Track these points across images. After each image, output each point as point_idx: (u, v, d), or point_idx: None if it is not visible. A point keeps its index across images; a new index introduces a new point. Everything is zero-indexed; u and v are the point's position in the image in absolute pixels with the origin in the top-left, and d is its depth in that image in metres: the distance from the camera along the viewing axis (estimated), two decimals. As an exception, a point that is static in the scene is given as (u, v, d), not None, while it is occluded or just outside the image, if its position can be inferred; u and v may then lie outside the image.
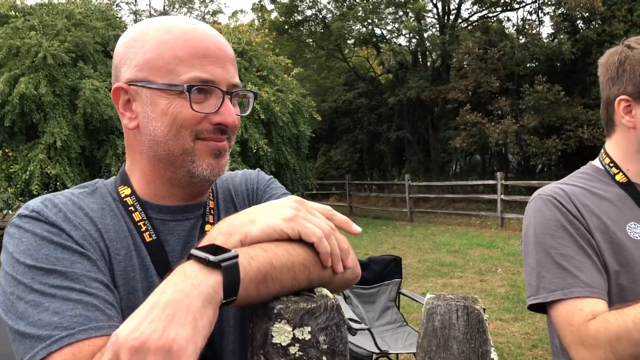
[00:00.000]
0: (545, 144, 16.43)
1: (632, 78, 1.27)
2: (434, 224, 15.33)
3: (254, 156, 13.94)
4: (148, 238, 0.91)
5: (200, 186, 0.96)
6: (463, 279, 7.84)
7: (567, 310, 1.16)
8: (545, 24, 35.45)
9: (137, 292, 0.87)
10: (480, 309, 0.70)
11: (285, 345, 0.68)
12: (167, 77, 0.89)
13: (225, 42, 0.95)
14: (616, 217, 1.25)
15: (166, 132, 0.89)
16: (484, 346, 0.68)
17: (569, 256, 1.19)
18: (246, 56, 14.23)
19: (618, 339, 1.06)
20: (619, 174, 1.32)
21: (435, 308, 0.71)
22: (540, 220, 1.26)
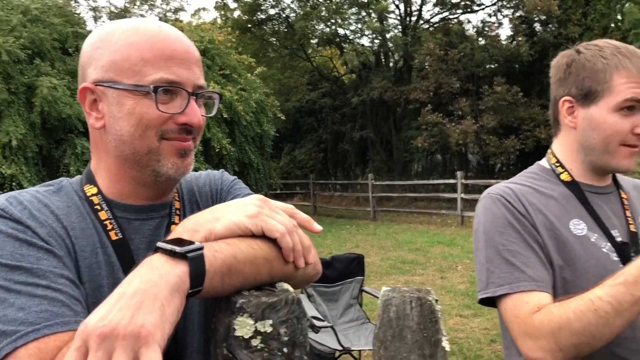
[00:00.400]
0: (504, 143, 16.85)
1: (577, 81, 1.32)
2: (397, 222, 15.53)
3: (217, 156, 13.83)
4: (114, 236, 0.93)
5: (165, 185, 0.98)
6: (424, 276, 7.98)
7: (514, 304, 1.21)
8: (504, 26, 36.38)
9: (103, 288, 0.88)
10: (432, 300, 0.74)
11: (247, 338, 0.70)
12: (133, 78, 0.90)
13: (191, 44, 0.97)
14: (561, 214, 1.30)
15: (132, 131, 0.91)
16: (436, 335, 0.72)
17: (516, 252, 1.25)
18: (209, 55, 14.09)
19: (560, 329, 1.11)
20: (564, 173, 1.38)
21: (391, 300, 0.74)
22: (490, 218, 1.31)
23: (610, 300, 1.08)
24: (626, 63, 1.26)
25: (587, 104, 1.31)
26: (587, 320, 1.09)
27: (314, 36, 22.88)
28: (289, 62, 25.00)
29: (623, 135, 1.27)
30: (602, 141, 1.30)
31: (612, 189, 1.40)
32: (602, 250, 1.27)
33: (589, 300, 1.10)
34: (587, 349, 1.12)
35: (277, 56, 25.04)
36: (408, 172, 23.01)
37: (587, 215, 1.31)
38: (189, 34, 13.97)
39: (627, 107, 1.26)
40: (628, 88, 1.25)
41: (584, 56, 1.32)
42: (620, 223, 1.33)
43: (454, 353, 4.91)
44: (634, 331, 1.22)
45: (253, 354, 0.70)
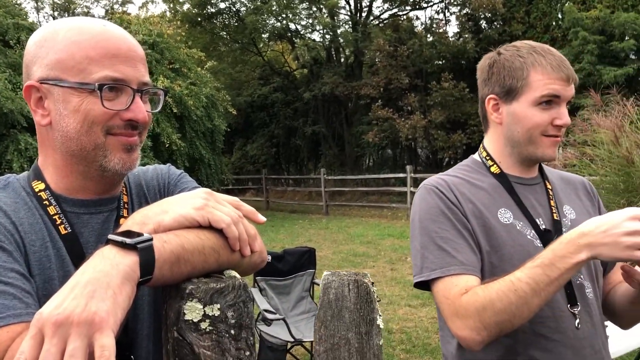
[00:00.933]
0: (452, 138, 17.29)
1: (499, 80, 1.43)
2: (349, 216, 15.71)
3: (167, 151, 13.61)
4: (63, 231, 0.95)
5: (112, 180, 1.01)
6: (375, 268, 8.14)
7: (445, 286, 1.30)
8: (451, 24, 37.09)
9: (54, 281, 0.91)
10: (368, 282, 0.81)
11: (196, 321, 0.75)
12: (78, 76, 0.93)
13: (136, 42, 1.00)
14: (489, 204, 1.41)
15: (78, 128, 0.94)
16: (371, 314, 0.79)
17: (448, 239, 1.34)
18: (157, 48, 13.82)
19: (484, 309, 1.20)
20: (494, 166, 1.48)
21: (330, 283, 0.81)
22: (424, 208, 1.40)
23: (528, 281, 1.17)
24: (541, 60, 1.37)
25: (509, 100, 1.41)
26: (508, 300, 1.18)
27: (265, 31, 22.78)
28: (240, 57, 24.79)
29: (543, 127, 1.38)
30: (525, 133, 1.40)
31: (538, 180, 1.50)
32: (527, 237, 1.37)
33: (510, 282, 1.19)
34: (509, 326, 1.21)
35: (228, 50, 24.78)
36: (360, 166, 23.27)
37: (513, 205, 1.42)
38: (137, 27, 13.68)
39: (545, 101, 1.36)
40: (544, 84, 1.35)
41: (504, 57, 1.43)
42: (545, 212, 1.44)
43: (403, 341, 5.06)
44: (552, 311, 1.33)
45: (202, 336, 0.75)
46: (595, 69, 14.79)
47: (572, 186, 1.58)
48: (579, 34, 15.16)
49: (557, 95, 1.36)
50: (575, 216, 1.47)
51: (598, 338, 1.39)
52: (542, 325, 1.32)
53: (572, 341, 1.33)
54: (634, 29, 14.83)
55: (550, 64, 1.36)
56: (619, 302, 1.46)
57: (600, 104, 6.84)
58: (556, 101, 1.37)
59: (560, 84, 1.36)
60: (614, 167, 6.10)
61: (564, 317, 1.34)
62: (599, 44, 15.00)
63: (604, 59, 15.17)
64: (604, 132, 6.23)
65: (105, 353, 0.65)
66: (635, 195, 5.69)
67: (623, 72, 14.45)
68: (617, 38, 15.08)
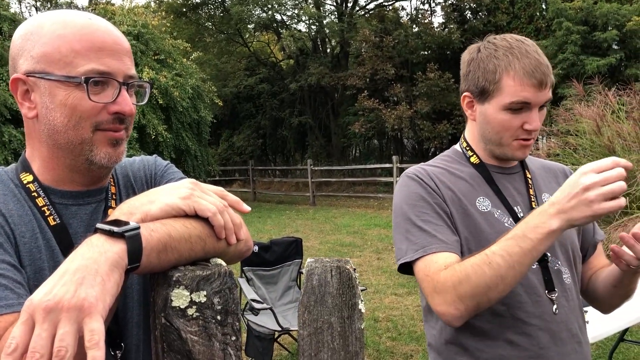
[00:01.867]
0: (437, 128, 17.39)
1: (473, 79, 1.44)
2: (335, 206, 15.76)
3: (153, 142, 13.54)
4: (52, 222, 0.97)
5: (99, 173, 1.02)
6: (362, 258, 8.20)
7: (426, 264, 1.33)
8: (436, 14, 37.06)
9: (44, 271, 0.92)
10: (350, 269, 0.83)
11: (183, 307, 0.78)
12: (64, 69, 0.94)
13: (121, 35, 1.01)
14: (468, 192, 1.44)
15: (65, 122, 0.95)
16: (353, 299, 0.82)
17: (428, 221, 1.38)
18: (142, 39, 13.70)
19: (460, 283, 1.22)
20: (473, 156, 1.51)
21: (314, 269, 0.83)
22: (405, 194, 1.44)
23: (502, 254, 1.19)
24: (515, 64, 1.35)
25: (482, 100, 1.43)
26: (483, 273, 1.20)
27: (250, 21, 22.63)
28: (226, 47, 24.65)
29: (513, 131, 1.39)
30: (496, 135, 1.42)
31: (517, 169, 1.52)
32: (505, 225, 1.40)
33: (485, 255, 1.21)
34: (485, 300, 1.23)
35: (214, 41, 24.63)
36: (346, 157, 23.33)
37: (492, 194, 1.45)
38: (121, 17, 13.54)
39: (514, 108, 1.36)
40: (515, 91, 1.34)
41: (481, 55, 1.43)
42: (523, 200, 1.47)
43: (389, 329, 5.12)
44: (530, 296, 1.36)
45: (189, 322, 0.78)
46: (579, 59, 14.93)
47: (553, 174, 1.60)
48: (563, 25, 15.29)
49: (527, 102, 1.35)
50: None
51: (575, 322, 1.43)
52: (520, 310, 1.36)
53: (550, 325, 1.37)
54: (616, 19, 14.99)
55: (524, 68, 1.34)
56: (601, 287, 1.49)
57: (582, 94, 6.93)
58: (527, 107, 1.37)
59: (532, 91, 1.34)
60: (596, 156, 6.19)
61: (541, 302, 1.37)
62: (582, 34, 15.14)
63: (587, 49, 15.33)
64: (586, 121, 6.32)
65: (94, 337, 0.67)
66: (617, 184, 5.78)
67: (606, 62, 14.62)
68: (600, 28, 15.23)
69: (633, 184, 5.49)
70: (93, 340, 0.66)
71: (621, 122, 6.18)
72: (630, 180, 5.64)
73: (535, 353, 1.35)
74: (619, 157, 1.12)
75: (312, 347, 0.81)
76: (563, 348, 1.38)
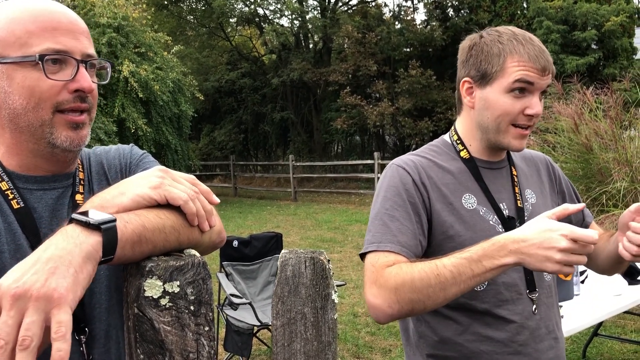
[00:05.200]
0: (419, 125, 17.48)
1: (475, 63, 1.42)
2: (317, 202, 15.78)
3: (132, 136, 13.41)
4: (16, 205, 0.97)
5: (63, 157, 1.02)
6: (342, 253, 8.23)
7: (375, 257, 1.32)
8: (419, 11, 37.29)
9: (4, 254, 0.93)
10: (324, 260, 0.84)
11: (156, 297, 0.77)
12: (20, 50, 0.94)
13: (77, 17, 1.01)
14: (455, 188, 1.43)
15: (25, 104, 0.95)
16: (326, 289, 0.83)
17: (395, 218, 1.36)
18: (123, 32, 13.54)
19: (403, 285, 1.22)
20: (464, 150, 1.49)
21: (288, 260, 0.83)
22: (386, 185, 1.43)
23: (452, 270, 1.19)
24: (519, 49, 1.35)
25: (483, 85, 1.40)
26: (428, 282, 1.20)
27: (232, 15, 22.51)
28: (207, 41, 24.45)
29: (514, 116, 1.37)
30: (494, 120, 1.39)
31: (504, 163, 1.52)
32: (489, 223, 1.41)
33: (435, 265, 1.21)
34: (421, 307, 1.23)
35: (195, 35, 24.41)
36: (328, 153, 23.34)
37: (478, 191, 1.44)
38: (101, 9, 13.35)
39: (518, 88, 1.35)
40: (518, 70, 1.34)
41: (484, 41, 1.42)
42: (509, 198, 1.47)
43: (368, 324, 5.16)
44: (511, 294, 1.38)
45: (162, 312, 0.77)
46: (559, 57, 15.11)
47: (535, 167, 1.60)
48: (543, 23, 15.46)
49: (530, 82, 1.34)
50: (535, 200, 1.51)
51: (552, 319, 1.46)
52: (501, 308, 1.37)
53: (529, 322, 1.39)
54: (595, 19, 15.20)
55: (528, 52, 1.35)
56: (604, 262, 1.51)
57: (561, 92, 7.02)
58: (529, 89, 1.36)
59: (535, 73, 1.34)
60: (574, 154, 6.29)
61: (521, 301, 1.39)
62: (562, 34, 15.32)
63: (567, 48, 15.52)
64: (565, 119, 6.41)
65: (61, 329, 0.66)
66: (593, 181, 5.88)
67: (585, 61, 14.83)
68: (579, 28, 15.43)
69: (610, 182, 5.59)
70: (60, 332, 0.66)
71: (598, 121, 6.28)
72: (607, 178, 5.75)
73: (514, 350, 1.37)
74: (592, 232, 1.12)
75: (286, 337, 0.81)
76: (541, 344, 1.40)
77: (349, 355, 4.51)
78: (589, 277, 3.37)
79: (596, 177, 5.90)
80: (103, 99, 12.95)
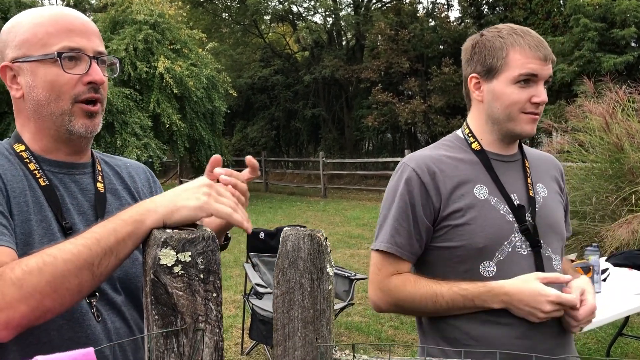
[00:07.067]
0: (451, 123, 17.35)
1: (480, 59, 1.51)
2: (347, 199, 15.84)
3: (167, 131, 13.71)
4: (42, 183, 1.13)
5: (78, 142, 1.19)
6: (369, 250, 8.27)
7: (382, 260, 1.51)
8: (453, 8, 36.82)
9: (31, 222, 1.07)
10: (321, 237, 0.92)
11: (170, 265, 0.87)
12: (41, 50, 1.12)
13: (89, 20, 1.19)
14: (467, 179, 1.49)
15: (47, 96, 1.12)
16: (322, 263, 0.91)
17: (397, 220, 1.50)
18: (158, 29, 13.86)
19: (404, 301, 1.48)
20: (475, 142, 1.56)
21: (288, 236, 0.92)
22: (393, 186, 1.54)
23: (448, 301, 1.42)
24: (520, 41, 1.45)
25: (489, 78, 1.49)
26: (425, 305, 1.45)
27: (266, 12, 22.71)
28: (241, 38, 24.75)
29: (522, 104, 1.46)
30: (504, 110, 1.48)
31: (517, 157, 1.59)
32: (500, 212, 1.47)
33: (434, 294, 1.43)
34: (410, 314, 1.60)
35: (230, 32, 24.74)
36: (359, 150, 23.36)
37: (489, 181, 1.51)
38: (138, 7, 13.67)
39: (523, 80, 1.45)
40: (522, 64, 1.44)
41: (485, 37, 1.51)
42: (520, 188, 1.53)
43: (392, 318, 5.21)
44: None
45: (175, 278, 0.87)
46: (595, 56, 14.79)
47: (546, 166, 1.66)
48: (580, 21, 15.14)
49: (534, 74, 1.44)
50: (546, 194, 1.57)
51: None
52: None
53: None
54: (635, 16, 14.80)
55: (529, 44, 1.44)
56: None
57: (593, 91, 6.92)
58: (534, 80, 1.45)
59: (538, 64, 1.43)
60: (605, 153, 6.20)
61: None
62: (600, 31, 14.99)
63: (605, 46, 15.17)
64: (596, 118, 6.33)
65: None
66: (624, 181, 5.80)
67: (623, 59, 14.46)
68: (618, 25, 15.06)
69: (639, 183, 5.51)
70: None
71: (630, 120, 6.18)
72: (637, 178, 5.66)
73: (522, 333, 1.43)
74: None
75: (285, 305, 0.90)
76: (548, 329, 1.45)
77: (372, 348, 4.58)
78: (610, 275, 3.37)
79: (627, 176, 5.81)
80: (139, 94, 13.28)
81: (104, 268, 0.94)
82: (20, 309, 0.88)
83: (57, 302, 0.91)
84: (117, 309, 1.16)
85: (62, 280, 0.90)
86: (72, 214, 1.14)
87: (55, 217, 1.10)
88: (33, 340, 1.03)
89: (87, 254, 0.92)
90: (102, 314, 1.13)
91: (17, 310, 0.87)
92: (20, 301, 0.87)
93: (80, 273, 0.91)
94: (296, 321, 0.91)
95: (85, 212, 1.17)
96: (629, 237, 4.85)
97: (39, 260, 0.90)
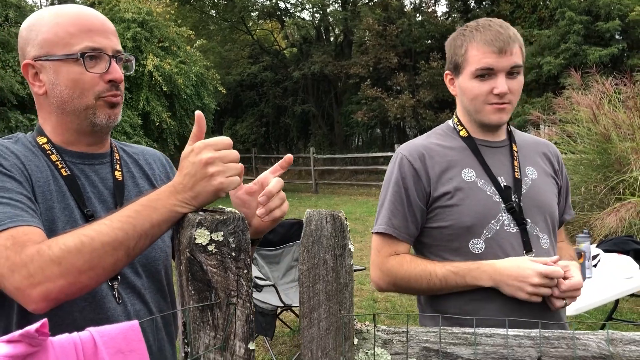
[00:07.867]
0: (439, 117, 17.48)
1: (449, 57, 1.65)
2: (338, 194, 15.94)
3: (157, 129, 13.71)
4: (64, 172, 1.19)
5: (100, 133, 1.25)
6: (362, 243, 8.38)
7: (382, 242, 1.62)
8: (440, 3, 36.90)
9: (54, 210, 1.14)
10: (342, 216, 1.00)
11: (204, 244, 0.94)
12: (64, 49, 1.17)
13: (106, 18, 1.25)
14: (455, 163, 1.60)
15: (71, 93, 1.18)
16: (344, 240, 0.99)
17: (393, 204, 1.61)
18: (147, 27, 13.83)
19: (401, 279, 1.57)
20: (463, 130, 1.67)
21: (312, 217, 0.99)
22: (389, 173, 1.66)
23: (441, 279, 1.51)
24: (477, 37, 1.55)
25: (457, 75, 1.62)
26: (420, 284, 1.54)
27: (254, 9, 22.73)
28: (230, 35, 24.72)
29: (484, 97, 1.56)
30: (470, 103, 1.59)
31: (505, 143, 1.67)
32: (487, 193, 1.57)
33: (429, 274, 1.53)
34: (410, 293, 1.66)
35: (217, 29, 24.68)
36: (349, 145, 23.45)
37: (477, 165, 1.60)
38: (126, 5, 13.64)
39: (480, 74, 1.54)
40: (478, 59, 1.54)
41: (454, 36, 1.64)
42: (507, 171, 1.62)
43: (387, 309, 5.31)
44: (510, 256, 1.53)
45: (209, 256, 0.94)
46: (581, 48, 14.99)
47: (539, 150, 1.74)
48: (566, 15, 15.33)
49: (490, 68, 1.53)
50: (536, 177, 1.65)
51: None
52: None
53: None
54: (619, 9, 15.02)
55: (484, 39, 1.53)
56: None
57: (580, 83, 7.05)
58: (492, 72, 1.54)
59: (493, 57, 1.52)
60: (592, 143, 6.33)
61: None
62: (585, 24, 15.18)
63: (590, 39, 15.38)
64: (583, 110, 6.46)
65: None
66: (611, 171, 5.93)
67: (608, 52, 14.68)
68: (602, 18, 15.26)
69: (627, 171, 5.64)
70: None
71: (617, 111, 6.31)
72: (624, 167, 5.79)
73: (515, 307, 1.49)
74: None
75: (310, 279, 0.98)
76: (539, 305, 1.51)
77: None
78: (601, 260, 3.48)
79: (614, 166, 5.95)
80: (128, 92, 13.26)
81: (139, 249, 1.02)
82: (59, 283, 0.95)
83: (93, 279, 0.99)
84: (138, 291, 1.23)
85: (99, 260, 0.98)
86: (93, 202, 1.21)
87: (77, 205, 1.17)
88: (58, 321, 1.08)
89: (123, 237, 0.99)
90: (123, 296, 1.20)
91: (56, 284, 0.95)
92: (59, 276, 0.95)
93: (116, 253, 0.99)
94: (321, 294, 0.98)
95: (105, 200, 1.24)
96: (617, 224, 4.98)
97: (77, 240, 0.97)
